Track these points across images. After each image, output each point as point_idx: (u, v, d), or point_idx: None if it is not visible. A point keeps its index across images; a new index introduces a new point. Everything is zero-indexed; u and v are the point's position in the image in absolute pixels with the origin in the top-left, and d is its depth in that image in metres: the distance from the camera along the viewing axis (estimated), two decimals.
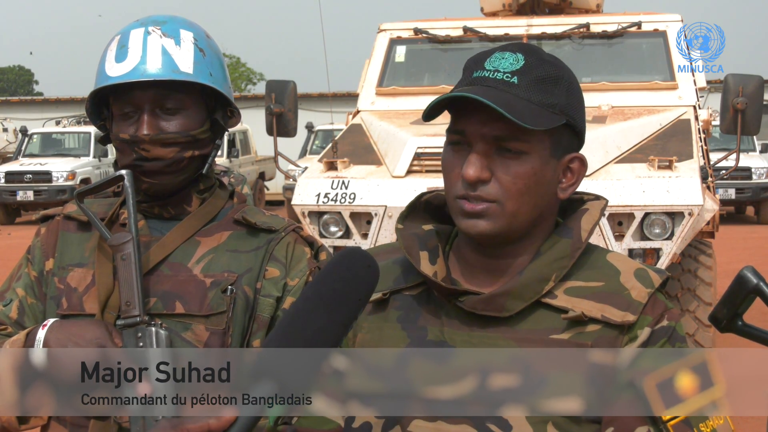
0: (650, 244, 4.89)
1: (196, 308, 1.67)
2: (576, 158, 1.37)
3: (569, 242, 1.34)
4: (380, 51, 6.55)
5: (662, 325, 1.30)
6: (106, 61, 1.72)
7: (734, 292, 1.44)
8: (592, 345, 1.28)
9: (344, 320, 1.16)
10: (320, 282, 1.18)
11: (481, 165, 1.29)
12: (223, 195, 1.82)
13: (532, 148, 1.30)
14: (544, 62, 1.32)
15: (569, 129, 1.34)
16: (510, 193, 1.30)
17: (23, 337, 1.63)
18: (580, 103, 1.37)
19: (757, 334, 1.48)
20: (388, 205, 5.07)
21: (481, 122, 1.29)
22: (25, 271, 1.79)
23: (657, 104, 5.89)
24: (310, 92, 23.89)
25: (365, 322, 1.41)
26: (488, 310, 1.31)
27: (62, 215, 1.81)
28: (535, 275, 1.32)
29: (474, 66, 1.35)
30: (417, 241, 1.39)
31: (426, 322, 1.37)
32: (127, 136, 1.69)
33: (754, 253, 11.74)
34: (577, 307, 1.30)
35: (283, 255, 1.74)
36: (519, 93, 1.29)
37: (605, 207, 1.40)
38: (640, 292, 1.31)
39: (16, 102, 29.31)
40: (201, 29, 1.79)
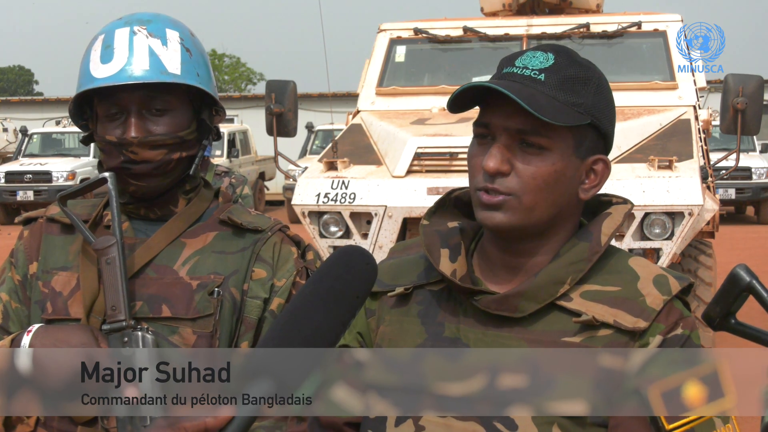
0: (650, 244, 4.89)
1: (182, 311, 1.65)
2: (600, 160, 1.37)
3: (587, 246, 1.34)
4: (380, 51, 6.55)
5: (676, 334, 1.30)
6: (91, 62, 1.68)
7: (727, 291, 1.44)
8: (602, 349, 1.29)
9: (342, 318, 1.16)
10: (318, 280, 1.18)
11: (501, 157, 1.31)
12: (208, 195, 1.79)
13: (554, 144, 1.31)
14: (574, 63, 1.34)
15: (595, 130, 1.35)
16: (528, 188, 1.31)
17: (8, 343, 1.61)
18: (609, 106, 1.37)
19: (750, 332, 1.48)
20: (388, 205, 5.07)
21: (505, 115, 1.30)
22: (9, 275, 1.76)
23: (657, 104, 5.89)
24: (310, 92, 23.88)
25: (388, 315, 1.44)
26: (501, 310, 1.33)
27: (45, 217, 1.78)
28: (550, 277, 1.33)
29: (506, 63, 1.37)
30: (439, 238, 1.40)
31: (444, 318, 1.39)
32: (114, 139, 1.65)
33: (754, 253, 11.73)
34: (591, 311, 1.30)
35: (269, 255, 1.72)
36: (545, 90, 1.30)
37: (630, 211, 1.41)
38: (655, 299, 1.31)
39: (16, 102, 29.30)
40: (186, 28, 1.76)
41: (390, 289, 1.44)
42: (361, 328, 1.47)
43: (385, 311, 1.45)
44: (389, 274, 1.46)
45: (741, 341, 1.41)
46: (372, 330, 1.46)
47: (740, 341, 1.42)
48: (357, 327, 1.47)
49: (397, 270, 1.47)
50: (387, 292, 1.45)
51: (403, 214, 5.08)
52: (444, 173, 5.16)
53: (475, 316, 1.36)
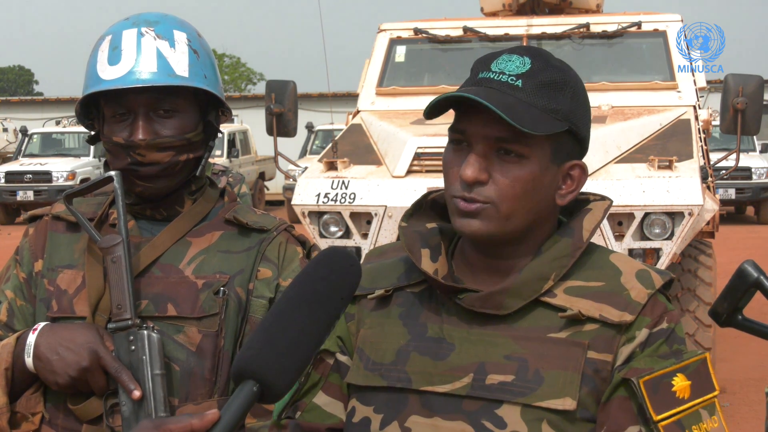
0: (650, 244, 4.89)
1: (188, 310, 1.65)
2: (577, 165, 1.36)
3: (570, 242, 1.34)
4: (380, 51, 6.55)
5: (661, 327, 1.30)
6: (98, 63, 1.67)
7: (735, 286, 1.44)
8: (589, 344, 1.29)
9: (327, 319, 1.17)
10: (302, 282, 1.18)
11: (479, 166, 1.29)
12: (214, 194, 1.79)
13: (532, 152, 1.30)
14: (550, 67, 1.32)
15: (572, 136, 1.34)
16: (506, 196, 1.30)
17: (13, 342, 1.62)
18: (585, 110, 1.37)
19: (757, 328, 1.48)
20: (388, 205, 5.07)
21: (483, 123, 1.29)
22: (14, 272, 1.75)
23: (657, 104, 5.89)
24: (310, 92, 23.89)
25: (368, 318, 1.43)
26: (486, 308, 1.32)
27: (50, 215, 1.78)
28: (534, 274, 1.32)
29: (481, 67, 1.35)
30: (419, 239, 1.40)
31: (427, 318, 1.38)
32: (121, 140, 1.65)
33: (754, 253, 11.72)
34: (576, 306, 1.30)
35: (275, 255, 1.72)
36: (522, 97, 1.29)
37: (609, 207, 1.40)
38: (640, 292, 1.31)
39: (16, 102, 29.30)
40: (193, 28, 1.75)
41: (369, 292, 1.43)
42: (341, 333, 1.45)
43: (365, 314, 1.43)
44: (367, 278, 1.43)
45: (742, 344, 1.41)
46: (352, 334, 1.44)
47: (741, 344, 1.42)
48: (337, 331, 1.45)
49: (375, 273, 1.45)
50: (366, 295, 1.43)
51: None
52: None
53: (459, 315, 1.35)
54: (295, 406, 1.44)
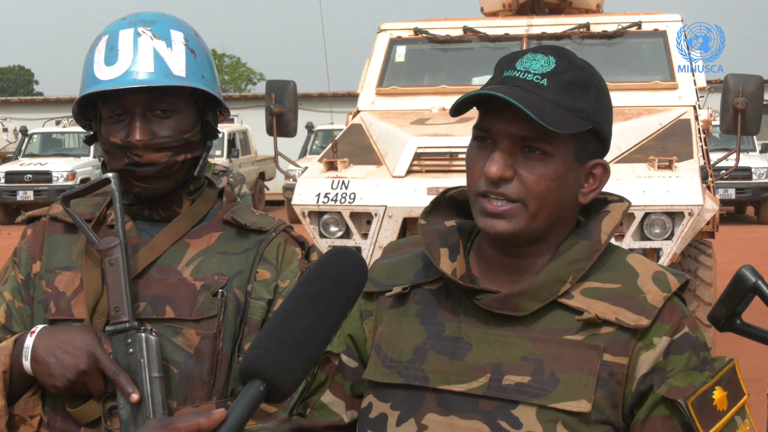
0: (650, 244, 4.89)
1: (186, 312, 1.64)
2: (599, 164, 1.38)
3: (588, 244, 1.35)
4: (380, 51, 6.55)
5: (682, 335, 1.31)
6: (95, 63, 1.66)
7: (733, 291, 1.44)
8: (605, 347, 1.30)
9: (334, 319, 1.17)
10: (309, 282, 1.18)
11: (504, 163, 1.30)
12: (212, 195, 1.78)
13: (556, 150, 1.31)
14: (574, 66, 1.33)
15: (595, 135, 1.35)
16: (532, 194, 1.31)
17: (11, 344, 1.61)
18: (608, 110, 1.38)
19: (756, 332, 1.48)
20: (388, 205, 5.07)
21: (508, 121, 1.30)
22: (12, 274, 1.74)
23: (657, 104, 5.89)
24: (310, 92, 23.89)
25: (386, 315, 1.44)
26: (503, 309, 1.33)
27: (48, 216, 1.77)
28: (552, 276, 1.33)
29: (506, 65, 1.36)
30: (438, 237, 1.41)
31: (444, 317, 1.39)
32: (118, 141, 1.64)
33: (754, 253, 11.73)
34: (592, 309, 1.31)
35: (273, 256, 1.72)
36: (547, 95, 1.30)
37: (628, 209, 1.41)
38: (656, 296, 1.32)
39: (16, 102, 29.29)
40: (190, 28, 1.74)
41: (387, 289, 1.45)
42: (352, 331, 1.47)
43: (383, 312, 1.45)
44: (384, 273, 1.47)
45: (742, 343, 1.41)
46: (369, 331, 1.46)
47: (741, 343, 1.42)
48: (347, 330, 1.47)
49: (392, 269, 1.47)
50: (384, 292, 1.45)
51: (403, 214, 5.08)
52: (444, 173, 5.16)
53: (476, 315, 1.36)
54: (305, 403, 1.46)
